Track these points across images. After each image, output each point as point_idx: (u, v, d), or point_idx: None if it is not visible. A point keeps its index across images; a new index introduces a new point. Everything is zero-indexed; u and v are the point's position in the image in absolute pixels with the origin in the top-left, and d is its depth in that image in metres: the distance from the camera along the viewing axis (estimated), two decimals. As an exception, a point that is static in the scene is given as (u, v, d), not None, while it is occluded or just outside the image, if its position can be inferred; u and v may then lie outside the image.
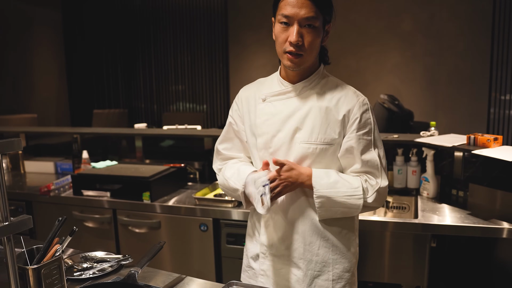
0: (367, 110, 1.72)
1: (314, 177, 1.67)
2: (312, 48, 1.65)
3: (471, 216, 2.59)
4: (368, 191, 1.72)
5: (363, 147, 1.71)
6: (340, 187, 1.68)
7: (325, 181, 1.67)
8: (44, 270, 1.47)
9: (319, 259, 1.77)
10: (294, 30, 1.60)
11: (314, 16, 1.60)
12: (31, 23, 7.31)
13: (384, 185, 1.75)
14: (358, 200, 1.69)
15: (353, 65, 6.48)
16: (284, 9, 1.61)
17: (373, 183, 1.73)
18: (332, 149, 1.71)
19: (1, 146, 1.19)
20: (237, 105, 1.93)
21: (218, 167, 2.02)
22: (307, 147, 1.70)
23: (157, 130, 4.17)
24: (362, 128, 1.71)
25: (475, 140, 2.64)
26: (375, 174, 1.74)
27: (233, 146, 1.98)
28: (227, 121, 1.98)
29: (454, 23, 6.02)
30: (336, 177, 1.70)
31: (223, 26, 7.28)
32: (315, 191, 1.67)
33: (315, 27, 1.62)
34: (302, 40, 1.62)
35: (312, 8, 1.59)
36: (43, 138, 4.58)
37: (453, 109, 6.17)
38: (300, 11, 1.58)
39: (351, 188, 1.69)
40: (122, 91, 7.94)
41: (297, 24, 1.60)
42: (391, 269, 2.66)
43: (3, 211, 1.20)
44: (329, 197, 1.67)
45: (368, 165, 1.72)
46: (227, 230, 2.90)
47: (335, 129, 1.70)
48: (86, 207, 3.24)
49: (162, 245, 1.85)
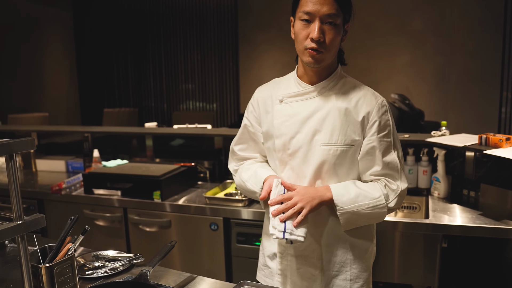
0: (386, 112, 1.72)
1: (335, 195, 1.66)
2: (332, 45, 1.64)
3: (482, 217, 2.58)
4: (389, 196, 1.71)
5: (384, 149, 1.71)
6: (362, 200, 1.66)
7: (347, 198, 1.65)
8: (56, 268, 1.48)
9: (337, 259, 1.77)
10: (316, 26, 1.59)
11: (336, 13, 1.60)
12: (43, 23, 7.37)
13: (404, 187, 1.74)
14: (382, 209, 1.69)
15: (363, 64, 6.46)
16: (305, 5, 1.60)
17: (394, 187, 1.72)
18: (352, 150, 1.70)
19: (15, 145, 1.19)
20: (253, 106, 1.91)
21: (234, 167, 2.02)
22: (328, 149, 1.68)
23: (168, 129, 4.18)
24: (382, 130, 1.70)
25: (486, 140, 2.62)
26: (395, 177, 1.73)
27: (248, 147, 1.97)
28: (243, 123, 1.96)
29: (465, 21, 5.99)
30: (356, 190, 1.68)
31: (233, 25, 7.29)
32: (338, 209, 1.65)
33: (336, 24, 1.62)
34: (324, 37, 1.61)
35: (334, 5, 1.59)
36: (55, 136, 4.60)
37: (463, 108, 6.14)
38: (322, 8, 1.58)
39: (373, 199, 1.67)
40: (132, 90, 7.97)
41: (318, 20, 1.59)
42: (401, 269, 2.65)
43: (17, 210, 1.20)
44: (353, 212, 1.66)
45: (388, 167, 1.71)
46: (237, 229, 2.90)
47: (355, 130, 1.69)
48: (97, 205, 3.26)
49: (173, 245, 1.85)
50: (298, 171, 1.74)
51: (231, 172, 2.03)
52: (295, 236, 1.59)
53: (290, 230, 1.59)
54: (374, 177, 1.73)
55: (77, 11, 7.96)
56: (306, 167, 1.72)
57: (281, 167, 1.79)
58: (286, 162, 1.77)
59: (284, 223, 1.60)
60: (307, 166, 1.72)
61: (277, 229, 1.60)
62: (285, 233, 1.59)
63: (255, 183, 1.82)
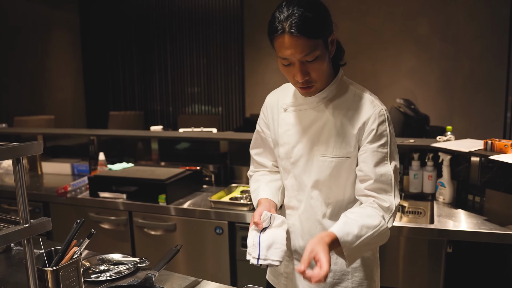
0: (383, 122, 1.66)
1: (340, 237, 1.52)
2: (322, 74, 1.60)
3: (487, 222, 2.57)
4: (385, 217, 1.63)
5: (378, 159, 1.64)
6: (366, 232, 1.56)
7: (351, 236, 1.54)
8: (62, 272, 1.49)
9: (338, 268, 1.76)
10: (298, 70, 1.55)
11: (311, 50, 1.52)
12: (49, 26, 7.41)
13: (397, 203, 1.67)
14: (385, 233, 1.62)
15: (368, 69, 6.45)
16: (280, 52, 1.55)
17: (386, 205, 1.63)
18: (348, 162, 1.67)
19: (22, 149, 1.20)
20: (263, 113, 1.92)
21: (250, 173, 2.04)
22: (323, 160, 1.68)
23: (173, 132, 4.19)
24: (377, 140, 1.64)
25: (492, 146, 2.62)
26: (387, 191, 1.65)
27: (263, 151, 1.98)
28: (256, 129, 1.98)
29: (471, 26, 5.97)
30: (357, 225, 1.56)
31: (238, 29, 7.30)
32: (346, 250, 1.54)
33: (318, 56, 1.55)
34: (309, 73, 1.57)
35: (307, 42, 1.50)
36: (60, 139, 4.62)
37: (469, 113, 6.12)
38: (296, 52, 1.51)
39: (375, 228, 1.59)
40: (138, 93, 7.99)
41: (298, 62, 1.54)
42: (406, 274, 2.65)
43: (23, 213, 1.21)
44: (360, 247, 1.56)
45: (381, 180, 1.64)
46: (242, 233, 2.90)
47: (350, 142, 1.66)
48: (102, 208, 3.27)
49: (178, 249, 1.85)
50: (299, 179, 1.75)
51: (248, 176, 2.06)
52: (269, 261, 1.59)
53: (264, 256, 1.59)
54: (367, 192, 1.65)
55: (84, 14, 8.00)
56: (306, 177, 1.73)
57: (285, 175, 1.80)
58: (289, 170, 1.77)
59: (258, 249, 1.60)
60: (307, 176, 1.72)
61: (252, 256, 1.61)
62: (259, 259, 1.60)
63: (254, 199, 1.87)
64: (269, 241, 1.61)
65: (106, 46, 7.95)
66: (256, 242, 1.62)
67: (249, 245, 1.63)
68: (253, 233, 1.65)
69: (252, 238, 1.64)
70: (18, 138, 4.55)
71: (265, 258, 1.60)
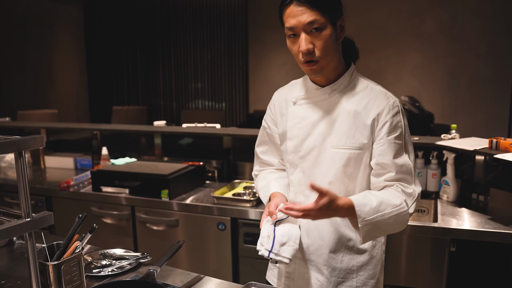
0: (397, 113, 1.66)
1: (357, 205, 1.54)
2: (326, 50, 1.59)
3: (491, 221, 2.56)
4: (408, 202, 1.63)
5: (396, 151, 1.64)
6: (384, 208, 1.57)
7: (369, 208, 1.55)
8: (64, 266, 1.49)
9: (343, 266, 1.75)
10: (302, 39, 1.56)
11: (318, 18, 1.54)
12: (53, 20, 7.41)
13: (420, 191, 1.68)
14: (404, 217, 1.61)
15: (373, 66, 6.44)
16: (287, 22, 1.58)
17: (409, 191, 1.64)
18: (361, 154, 1.66)
19: (25, 142, 1.19)
20: (270, 109, 1.91)
21: (255, 172, 2.03)
22: (336, 152, 1.66)
23: (177, 128, 4.19)
24: (393, 132, 1.64)
25: (497, 144, 2.60)
26: (409, 180, 1.66)
27: (269, 148, 1.97)
28: (262, 126, 1.97)
29: (476, 24, 5.95)
30: (377, 200, 1.57)
31: (243, 25, 7.29)
32: (361, 220, 1.54)
33: (323, 28, 1.56)
34: (313, 46, 1.58)
35: (312, 11, 1.54)
36: (64, 133, 4.62)
37: (474, 111, 6.10)
38: (302, 18, 1.54)
39: (395, 207, 1.58)
40: (142, 88, 7.99)
41: (303, 32, 1.56)
42: (409, 272, 2.64)
43: (25, 207, 1.21)
44: (376, 223, 1.56)
45: (402, 171, 1.64)
46: (245, 229, 2.90)
47: (363, 133, 1.65)
48: (105, 203, 3.27)
49: (181, 245, 1.85)
50: (308, 173, 1.73)
51: (253, 175, 2.05)
52: (280, 257, 1.57)
53: (277, 250, 1.57)
54: (388, 183, 1.66)
55: (88, 8, 8.00)
56: (317, 170, 1.71)
57: (291, 169, 1.79)
58: (296, 164, 1.76)
59: (272, 242, 1.57)
60: (317, 169, 1.71)
61: (264, 247, 1.58)
62: (271, 252, 1.56)
63: (264, 196, 1.86)
64: (284, 237, 1.59)
65: (110, 41, 7.95)
66: (271, 234, 1.59)
67: (263, 235, 1.60)
68: (267, 224, 1.63)
69: (267, 229, 1.61)
70: (22, 132, 4.55)
71: (277, 253, 1.57)
